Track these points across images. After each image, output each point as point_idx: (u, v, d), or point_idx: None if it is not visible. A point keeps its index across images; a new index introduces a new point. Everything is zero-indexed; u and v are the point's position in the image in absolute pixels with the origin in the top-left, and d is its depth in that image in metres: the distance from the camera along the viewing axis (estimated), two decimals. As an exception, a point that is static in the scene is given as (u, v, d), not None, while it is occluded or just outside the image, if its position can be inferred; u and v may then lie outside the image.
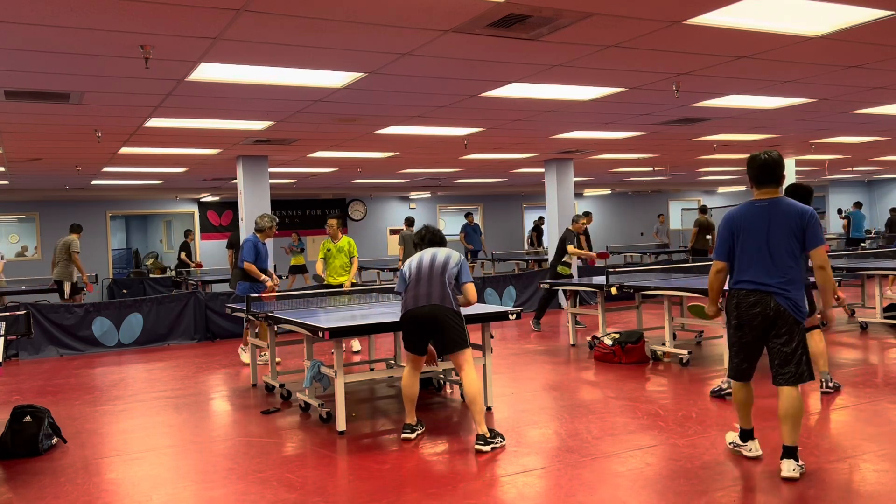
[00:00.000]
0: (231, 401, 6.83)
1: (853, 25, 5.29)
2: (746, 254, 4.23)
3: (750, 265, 4.21)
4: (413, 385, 5.32)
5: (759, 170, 4.26)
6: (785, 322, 4.14)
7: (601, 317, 8.59)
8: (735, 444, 4.62)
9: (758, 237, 4.20)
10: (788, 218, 4.15)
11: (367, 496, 4.17)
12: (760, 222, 4.20)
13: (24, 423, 5.27)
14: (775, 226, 4.16)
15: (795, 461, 4.16)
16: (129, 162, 11.38)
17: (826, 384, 6.16)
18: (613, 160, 14.35)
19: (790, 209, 4.16)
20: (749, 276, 4.21)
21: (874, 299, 9.41)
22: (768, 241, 4.16)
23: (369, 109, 7.75)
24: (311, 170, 13.79)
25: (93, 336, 10.07)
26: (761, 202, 4.25)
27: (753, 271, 4.19)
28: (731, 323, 4.31)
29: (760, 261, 4.18)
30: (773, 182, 4.25)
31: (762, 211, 4.22)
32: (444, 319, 5.09)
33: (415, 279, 5.24)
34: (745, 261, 4.23)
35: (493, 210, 22.44)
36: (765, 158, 4.25)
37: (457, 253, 5.37)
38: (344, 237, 9.27)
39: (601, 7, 4.61)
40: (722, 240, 4.37)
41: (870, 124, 10.65)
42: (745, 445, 4.55)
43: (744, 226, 4.26)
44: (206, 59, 5.46)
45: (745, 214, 4.27)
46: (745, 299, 4.21)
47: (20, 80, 5.89)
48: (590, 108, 8.22)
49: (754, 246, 4.20)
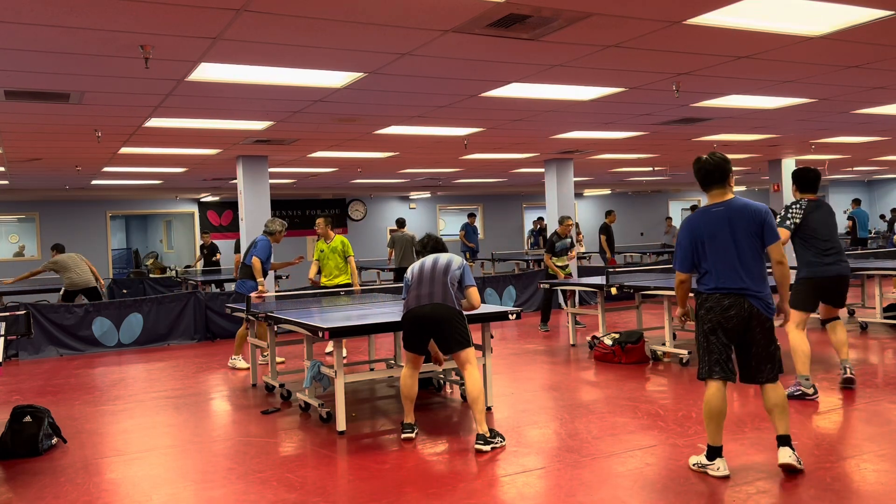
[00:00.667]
0: (231, 401, 6.83)
1: (853, 25, 5.29)
2: (714, 259, 4.23)
3: (719, 270, 4.21)
4: (412, 385, 5.32)
5: (701, 173, 4.30)
6: (760, 323, 4.18)
7: (601, 317, 8.59)
8: (700, 465, 4.32)
9: (723, 242, 4.20)
10: (746, 218, 4.19)
11: (367, 496, 4.17)
12: (722, 227, 4.21)
13: (24, 423, 5.27)
14: (737, 228, 4.19)
15: (792, 449, 4.21)
16: (129, 162, 11.38)
17: (849, 371, 6.25)
18: (613, 160, 14.35)
19: (746, 209, 4.21)
20: (721, 281, 4.20)
21: (874, 299, 9.41)
22: (735, 245, 4.19)
23: (369, 109, 7.75)
24: (311, 170, 13.79)
25: (93, 336, 10.07)
26: (717, 206, 4.26)
27: (724, 276, 4.20)
28: (704, 328, 4.27)
29: (729, 265, 4.19)
30: (719, 183, 4.28)
31: (721, 215, 4.23)
32: (447, 318, 5.09)
33: (416, 281, 5.24)
34: (714, 266, 4.22)
35: (493, 210, 22.44)
36: (705, 161, 4.30)
37: (458, 257, 5.38)
38: (337, 236, 8.94)
39: (601, 7, 4.61)
40: (684, 250, 4.35)
41: (870, 124, 10.65)
42: (712, 464, 4.25)
43: (706, 232, 4.25)
44: (206, 59, 5.46)
45: (705, 221, 4.27)
46: (718, 303, 4.20)
47: (20, 80, 5.89)
48: (590, 108, 8.22)
49: (721, 250, 4.21)
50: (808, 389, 5.89)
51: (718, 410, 4.21)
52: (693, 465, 4.37)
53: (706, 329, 4.25)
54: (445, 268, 5.21)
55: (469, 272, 5.31)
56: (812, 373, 6.90)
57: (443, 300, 5.12)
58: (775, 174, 15.83)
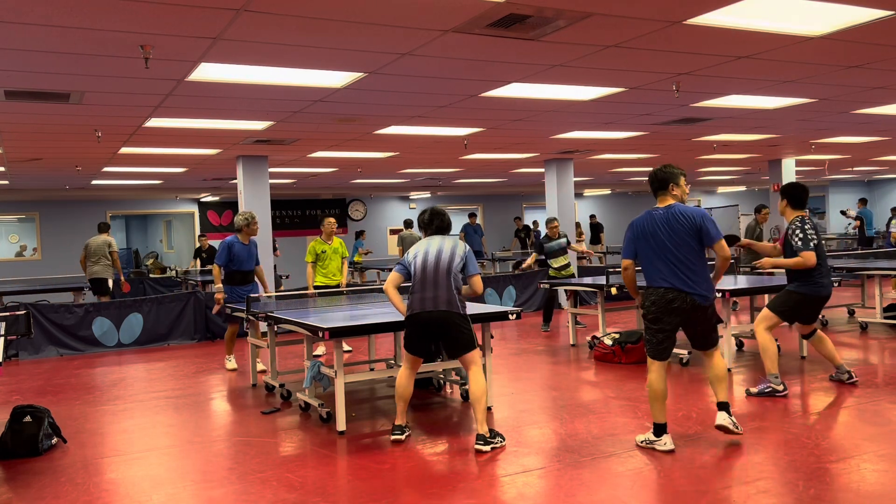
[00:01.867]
0: (231, 401, 6.83)
1: (853, 25, 5.29)
2: (655, 256, 4.75)
3: (660, 266, 4.73)
4: (409, 386, 5.24)
5: (650, 182, 4.95)
6: (701, 311, 4.73)
7: (601, 317, 8.59)
8: (648, 441, 4.77)
9: (659, 241, 4.73)
10: (682, 222, 4.70)
11: (367, 496, 4.17)
12: (661, 227, 4.74)
13: (24, 423, 5.27)
14: (673, 230, 4.70)
15: (729, 415, 4.79)
16: (129, 162, 11.38)
17: (851, 373, 6.39)
18: (613, 160, 14.35)
19: (684, 213, 4.73)
20: (662, 276, 4.72)
21: (874, 299, 9.41)
22: (672, 244, 4.69)
23: (369, 109, 7.75)
24: (311, 170, 13.79)
25: (93, 336, 10.07)
26: (657, 210, 4.83)
27: (665, 272, 4.71)
28: (649, 317, 4.77)
29: (669, 261, 4.70)
30: (663, 190, 4.85)
31: (660, 218, 4.77)
32: (453, 324, 5.04)
33: (420, 277, 5.13)
34: (656, 262, 4.75)
35: (493, 210, 22.44)
36: (656, 172, 4.88)
37: (462, 244, 5.26)
38: (335, 238, 8.85)
39: (601, 7, 4.61)
40: (628, 241, 4.93)
41: (870, 124, 10.65)
42: (659, 440, 4.72)
43: (647, 230, 4.79)
44: (206, 59, 5.46)
45: (647, 221, 4.82)
46: (663, 297, 4.71)
47: (20, 80, 5.89)
48: (590, 108, 8.22)
49: (658, 248, 4.73)
50: (778, 386, 6.06)
51: (661, 391, 4.75)
52: (641, 441, 4.83)
53: (651, 318, 4.77)
54: (448, 265, 5.12)
55: (473, 259, 5.20)
56: (812, 373, 6.91)
57: (448, 306, 5.03)
58: (775, 174, 15.84)
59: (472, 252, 5.28)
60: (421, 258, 5.19)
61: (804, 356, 7.65)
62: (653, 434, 4.76)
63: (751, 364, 7.53)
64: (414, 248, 5.27)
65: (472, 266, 5.20)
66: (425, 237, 5.39)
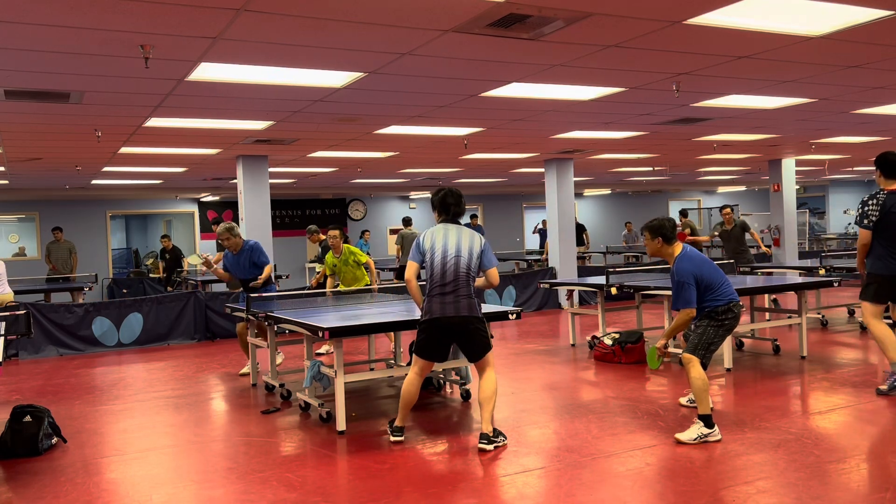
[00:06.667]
0: (231, 401, 6.83)
1: (853, 25, 5.29)
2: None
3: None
4: (416, 392, 5.14)
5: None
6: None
7: (601, 317, 8.59)
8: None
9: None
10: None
11: (367, 496, 4.17)
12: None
13: (24, 422, 5.27)
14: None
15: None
16: (129, 162, 11.38)
17: None
18: (613, 160, 14.35)
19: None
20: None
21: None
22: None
23: (369, 109, 7.75)
24: (311, 170, 13.80)
25: (93, 336, 10.08)
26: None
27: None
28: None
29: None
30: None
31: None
32: (473, 330, 4.99)
33: (439, 276, 4.97)
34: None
35: (493, 210, 22.44)
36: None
37: (478, 236, 5.10)
38: (344, 247, 8.71)
39: (601, 7, 4.61)
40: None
41: (870, 124, 10.65)
42: (713, 431, 4.90)
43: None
44: (206, 59, 5.46)
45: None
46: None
47: (20, 80, 5.89)
48: (590, 108, 8.22)
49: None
50: None
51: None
52: (693, 439, 4.89)
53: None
54: (468, 264, 4.99)
55: (490, 251, 5.11)
56: (812, 373, 6.91)
57: (469, 311, 4.96)
58: (775, 174, 15.84)
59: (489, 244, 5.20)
60: (440, 254, 5.01)
61: (804, 356, 7.65)
62: (705, 427, 4.89)
63: (751, 364, 7.53)
64: (430, 237, 5.07)
65: (489, 261, 5.09)
66: (439, 222, 5.19)
